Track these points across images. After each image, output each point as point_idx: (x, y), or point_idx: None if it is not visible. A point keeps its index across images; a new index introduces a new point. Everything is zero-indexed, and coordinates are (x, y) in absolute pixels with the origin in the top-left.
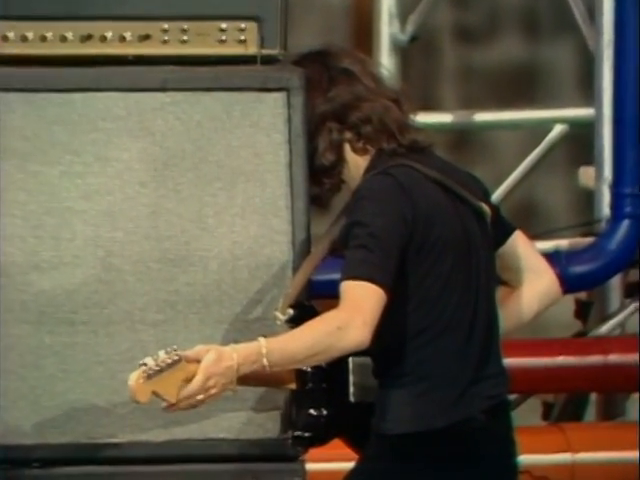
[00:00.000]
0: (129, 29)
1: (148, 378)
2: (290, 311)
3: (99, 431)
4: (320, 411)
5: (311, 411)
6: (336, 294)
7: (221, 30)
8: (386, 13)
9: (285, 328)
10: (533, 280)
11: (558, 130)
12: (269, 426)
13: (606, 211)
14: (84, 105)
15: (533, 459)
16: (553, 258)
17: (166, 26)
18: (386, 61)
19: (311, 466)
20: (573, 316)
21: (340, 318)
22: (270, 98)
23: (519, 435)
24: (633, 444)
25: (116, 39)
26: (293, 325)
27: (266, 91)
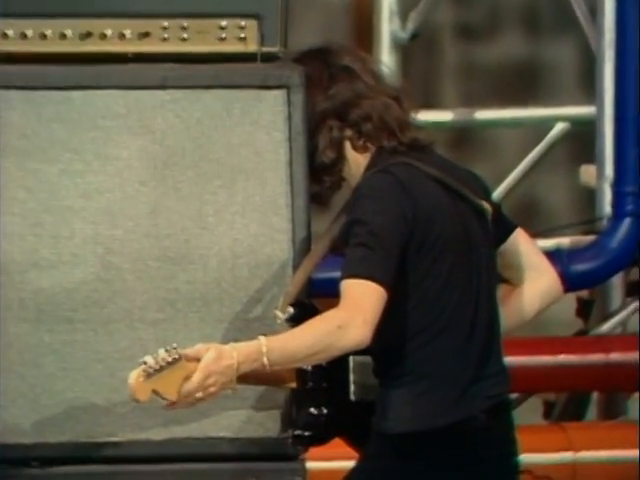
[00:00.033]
0: (129, 27)
1: (148, 377)
2: (290, 309)
3: (98, 430)
4: (320, 410)
5: (311, 410)
6: (336, 292)
7: (221, 28)
8: (387, 10)
9: (285, 327)
10: (534, 278)
11: (559, 128)
12: (269, 425)
13: (607, 209)
14: (84, 103)
15: (534, 458)
16: (554, 256)
17: (166, 24)
18: (387, 59)
19: (311, 465)
20: (574, 314)
21: (340, 317)
22: (270, 96)
23: (520, 434)
24: (634, 443)
25: (116, 37)
26: (293, 324)
27: (266, 89)
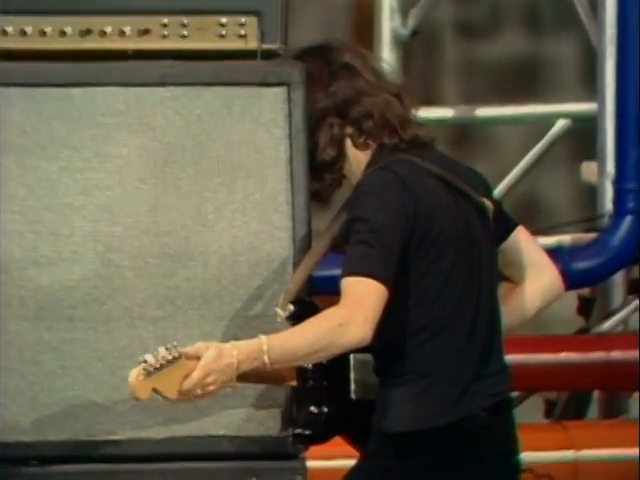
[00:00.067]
0: (128, 24)
1: (148, 375)
2: (291, 307)
3: (98, 428)
4: (321, 408)
5: (312, 408)
6: (337, 290)
7: (221, 25)
8: (387, 7)
9: (285, 324)
10: (535, 276)
11: (560, 125)
12: (269, 423)
13: (609, 206)
14: (83, 100)
15: (535, 457)
16: (555, 254)
17: (166, 20)
18: (387, 56)
19: (312, 464)
20: (575, 312)
21: (341, 315)
22: (270, 93)
23: (521, 433)
24: (635, 442)
25: (115, 34)
26: (294, 321)
27: (266, 86)
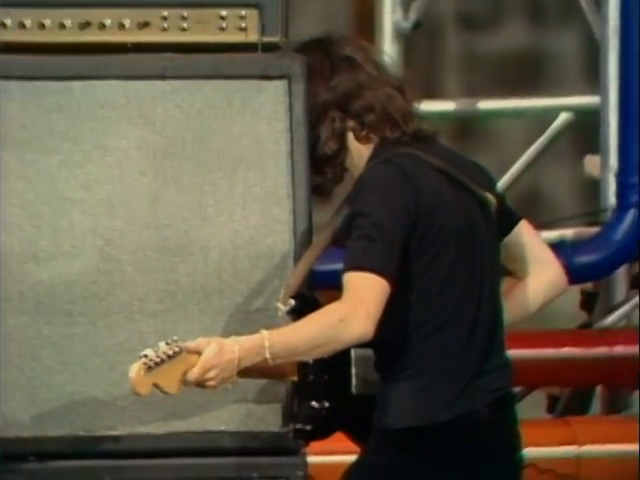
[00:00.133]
0: (128, 16)
1: (149, 370)
2: (291, 302)
3: (98, 423)
4: (322, 403)
5: (313, 403)
6: (338, 285)
7: (221, 17)
8: (389, 0)
9: (286, 319)
10: (539, 271)
11: (563, 118)
12: (270, 419)
13: (612, 200)
14: (83, 93)
15: (538, 452)
16: (558, 248)
17: (166, 13)
18: (389, 48)
19: (312, 459)
20: (578, 307)
21: (343, 310)
22: (271, 86)
23: (524, 428)
24: (638, 437)
25: (115, 26)
26: (295, 316)
27: (267, 79)
